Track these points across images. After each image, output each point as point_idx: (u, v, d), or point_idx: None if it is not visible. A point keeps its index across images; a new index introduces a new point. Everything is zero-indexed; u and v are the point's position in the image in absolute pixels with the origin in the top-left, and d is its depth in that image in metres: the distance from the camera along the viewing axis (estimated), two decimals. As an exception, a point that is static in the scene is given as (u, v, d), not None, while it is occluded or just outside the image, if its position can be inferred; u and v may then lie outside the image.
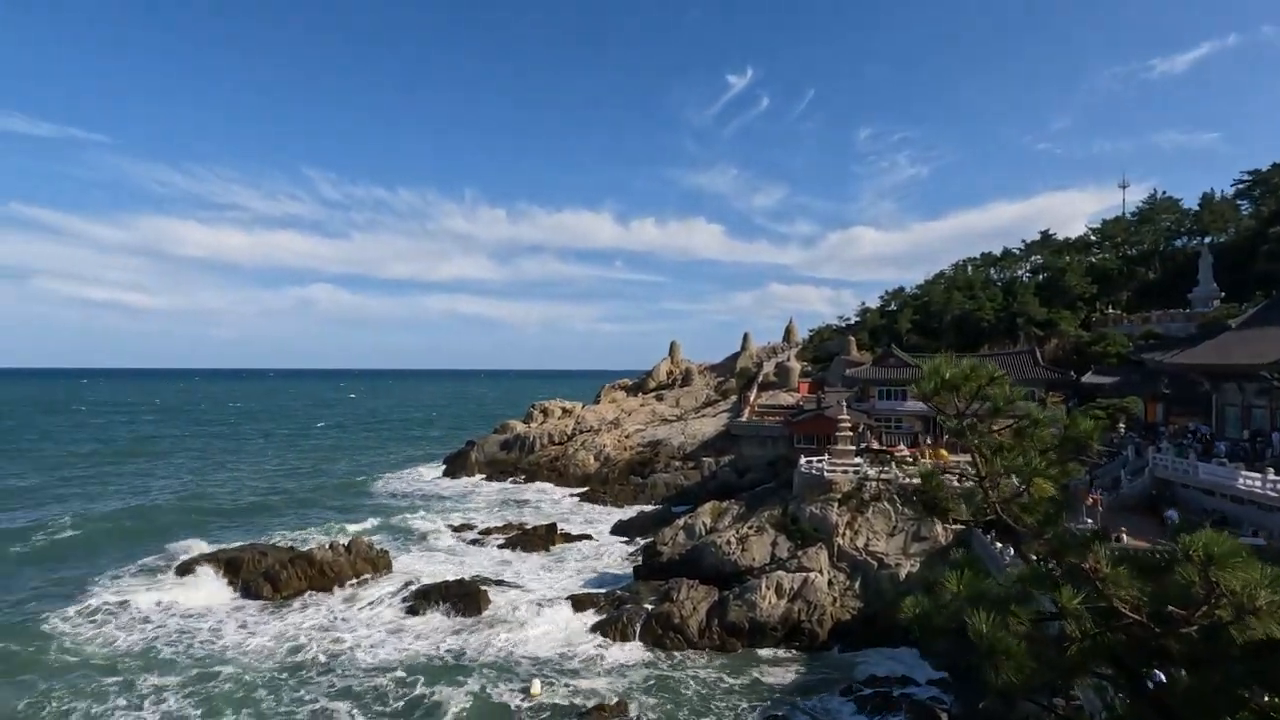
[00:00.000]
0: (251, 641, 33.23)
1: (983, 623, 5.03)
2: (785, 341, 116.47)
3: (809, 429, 57.21)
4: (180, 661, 30.93)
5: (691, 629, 33.36)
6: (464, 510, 63.50)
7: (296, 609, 37.62)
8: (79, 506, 63.80)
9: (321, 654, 31.89)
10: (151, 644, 32.78)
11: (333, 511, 64.03)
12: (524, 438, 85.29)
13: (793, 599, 34.26)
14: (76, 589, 40.12)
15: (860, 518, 38.03)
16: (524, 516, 60.26)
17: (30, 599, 38.15)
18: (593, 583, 42.06)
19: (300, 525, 58.08)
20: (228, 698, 27.86)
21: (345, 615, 36.70)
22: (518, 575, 43.31)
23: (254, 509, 64.57)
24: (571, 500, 68.17)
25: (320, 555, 42.04)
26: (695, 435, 79.15)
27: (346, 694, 28.18)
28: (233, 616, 36.48)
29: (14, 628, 34.10)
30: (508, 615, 36.05)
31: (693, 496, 62.29)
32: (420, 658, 31.55)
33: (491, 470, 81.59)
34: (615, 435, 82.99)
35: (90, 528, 54.47)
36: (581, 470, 77.09)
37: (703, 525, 44.21)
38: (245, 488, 76.14)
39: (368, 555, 43.58)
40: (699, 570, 38.42)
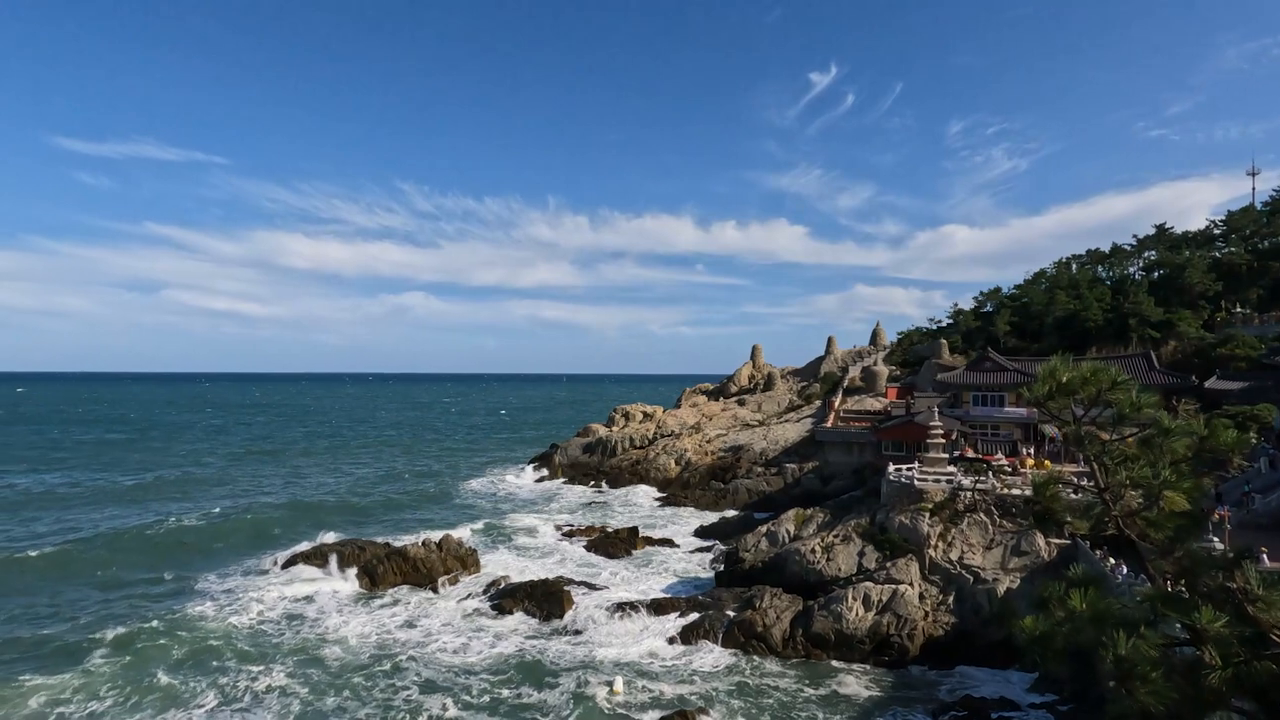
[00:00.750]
0: (350, 630, 35.00)
1: (1121, 644, 4.64)
2: (872, 345, 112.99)
3: (898, 435, 55.20)
4: (288, 645, 32.91)
5: (774, 637, 32.75)
6: (548, 512, 64.76)
7: (391, 601, 39.37)
8: (199, 504, 69.08)
9: (412, 645, 33.23)
10: (263, 629, 35.06)
11: (424, 511, 66.70)
12: (606, 441, 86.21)
13: (881, 611, 33.08)
14: (195, 579, 43.33)
15: (954, 529, 36.33)
16: (606, 519, 60.86)
17: (155, 588, 41.47)
18: (674, 587, 41.99)
19: (394, 523, 60.78)
20: (330, 680, 29.43)
21: (435, 610, 38.09)
22: (600, 577, 43.74)
23: (352, 507, 68.04)
24: (653, 504, 68.34)
25: (414, 552, 43.87)
26: (777, 441, 77.84)
27: (435, 686, 29.21)
28: (334, 606, 38.51)
29: (147, 613, 37.16)
30: (590, 616, 36.45)
31: (775, 503, 61.25)
32: (504, 654, 32.34)
33: (574, 473, 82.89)
34: (696, 440, 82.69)
35: (208, 523, 58.87)
36: (663, 474, 77.21)
37: (786, 532, 43.37)
38: (344, 487, 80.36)
39: (457, 553, 45.09)
40: (782, 578, 37.70)
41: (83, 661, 30.65)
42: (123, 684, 28.81)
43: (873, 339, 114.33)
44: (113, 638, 33.33)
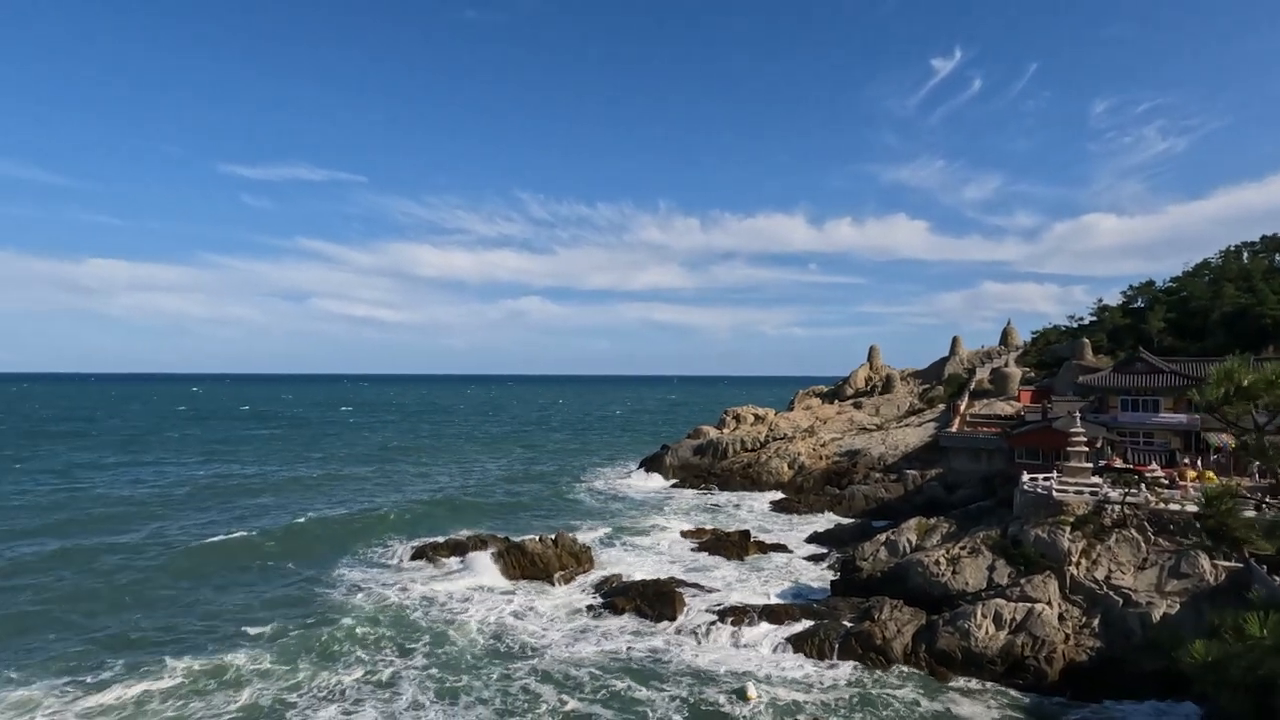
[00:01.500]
0: (473, 618, 36.73)
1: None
2: (1002, 345, 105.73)
3: (1033, 442, 51.27)
4: (417, 631, 35.05)
5: (895, 651, 31.25)
6: (658, 513, 65.16)
7: (511, 594, 40.97)
8: (339, 498, 74.94)
9: (529, 636, 34.41)
10: (392, 616, 37.51)
11: (540, 508, 68.99)
12: (717, 443, 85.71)
13: (1015, 631, 30.77)
14: (334, 569, 46.93)
15: (1100, 546, 33.23)
16: (717, 522, 60.46)
17: (298, 577, 45.20)
18: (787, 594, 41.05)
19: (513, 519, 63.25)
20: (455, 666, 31.03)
21: (551, 603, 39.26)
22: (711, 580, 43.48)
23: (474, 503, 71.47)
24: (764, 508, 67.20)
25: (532, 547, 45.48)
26: (897, 446, 74.43)
27: (549, 677, 30.07)
28: (457, 596, 40.57)
29: (292, 600, 40.75)
30: (701, 619, 36.31)
31: (894, 511, 58.56)
32: (615, 651, 32.81)
33: (685, 474, 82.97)
34: (810, 443, 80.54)
35: (346, 516, 63.75)
36: (775, 478, 75.78)
37: (907, 542, 41.32)
38: (467, 484, 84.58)
39: (572, 550, 46.29)
40: (903, 590, 35.92)
41: (234, 646, 33.87)
42: (270, 664, 31.64)
43: (1003, 339, 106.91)
44: (260, 622, 36.76)
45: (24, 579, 42.73)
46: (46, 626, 35.21)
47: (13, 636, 34.08)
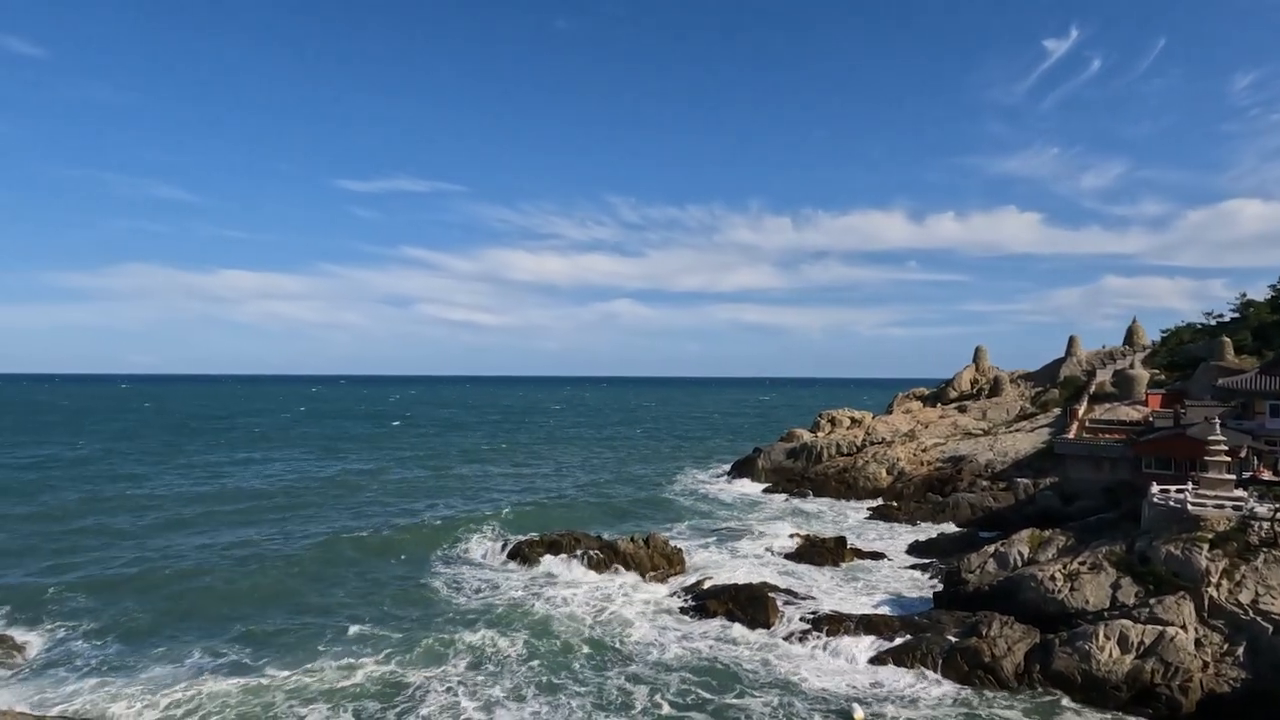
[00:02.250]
0: (566, 616, 37.46)
1: None
2: (1126, 345, 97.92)
3: (1164, 451, 47.13)
4: (514, 628, 36.11)
5: (1005, 670, 29.44)
6: (750, 516, 64.33)
7: (603, 593, 41.49)
8: (442, 497, 78.59)
9: (621, 636, 34.73)
10: (488, 613, 38.84)
11: (632, 508, 69.59)
12: (811, 447, 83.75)
13: (1143, 655, 28.32)
14: (433, 566, 49.00)
15: (1245, 566, 30.11)
16: (811, 527, 59.03)
17: (398, 576, 47.15)
18: (886, 604, 39.52)
19: (605, 518, 64.15)
20: (550, 663, 31.74)
21: (643, 604, 39.48)
22: (805, 587, 42.48)
23: (568, 502, 73.04)
24: (861, 514, 65.04)
25: (624, 547, 45.99)
26: (1006, 452, 70.34)
27: (640, 678, 30.21)
28: (552, 593, 41.49)
29: (398, 595, 42.88)
30: (795, 626, 35.52)
31: (1003, 521, 55.24)
32: (705, 654, 32.58)
33: (778, 478, 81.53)
34: (910, 448, 77.34)
35: (450, 515, 66.70)
36: (872, 484, 73.22)
37: (1019, 555, 38.87)
38: (562, 483, 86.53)
39: (664, 551, 46.44)
40: (1013, 605, 33.78)
41: (343, 639, 35.92)
42: (376, 656, 33.45)
43: (1128, 338, 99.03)
44: (366, 617, 38.99)
45: (167, 568, 47.01)
46: (183, 614, 38.48)
47: (151, 620, 37.58)
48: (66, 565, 46.32)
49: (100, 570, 45.11)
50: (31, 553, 49.69)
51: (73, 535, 54.71)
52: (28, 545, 51.70)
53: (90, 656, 32.06)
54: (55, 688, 28.87)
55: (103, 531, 55.92)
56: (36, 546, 51.28)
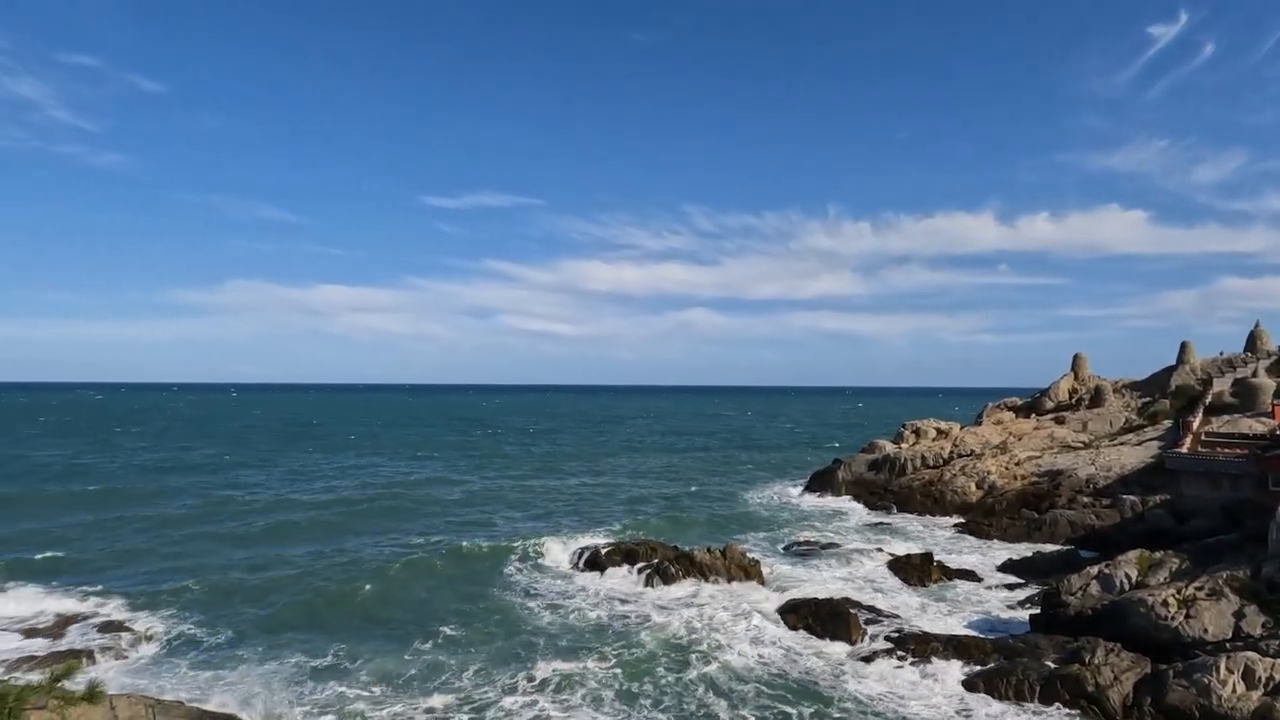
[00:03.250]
0: (641, 626, 37.46)
1: None
2: (1248, 352, 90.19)
3: (1293, 467, 42.89)
4: (588, 637, 36.42)
5: (1112, 701, 27.38)
6: (830, 529, 62.66)
7: (679, 603, 41.29)
8: (523, 503, 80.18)
9: (697, 649, 34.37)
10: (563, 620, 39.28)
11: (706, 518, 69.03)
12: (894, 459, 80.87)
13: (1272, 692, 25.75)
14: (510, 573, 49.95)
15: (1395, 597, 26.95)
16: (894, 542, 56.91)
17: (478, 581, 48.00)
18: (977, 625, 37.58)
19: (680, 528, 63.84)
20: (626, 668, 31.78)
21: (719, 616, 39.00)
22: (888, 604, 40.94)
23: (642, 509, 73.15)
24: (948, 530, 62.19)
25: (700, 557, 45.62)
26: (1110, 467, 65.86)
27: (719, 692, 29.78)
28: (627, 603, 41.61)
29: (476, 603, 43.53)
30: (879, 645, 34.25)
31: (1107, 540, 51.60)
32: (786, 671, 31.82)
33: (859, 491, 79.09)
34: (1002, 461, 73.52)
35: (522, 522, 67.93)
36: (961, 498, 69.92)
37: (1125, 577, 36.20)
38: (635, 491, 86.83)
39: (741, 562, 45.78)
40: (1120, 631, 31.45)
41: (421, 649, 36.96)
42: (455, 667, 34.31)
43: (1250, 344, 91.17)
44: (445, 625, 40.01)
45: (270, 570, 49.93)
46: (285, 616, 40.42)
47: (257, 619, 39.90)
48: (180, 564, 49.92)
49: (210, 570, 48.26)
50: (149, 550, 53.83)
51: (187, 535, 58.93)
52: (146, 544, 56.03)
53: (201, 650, 34.38)
54: (170, 674, 31.15)
55: (212, 533, 59.90)
56: (153, 546, 55.48)
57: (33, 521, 62.38)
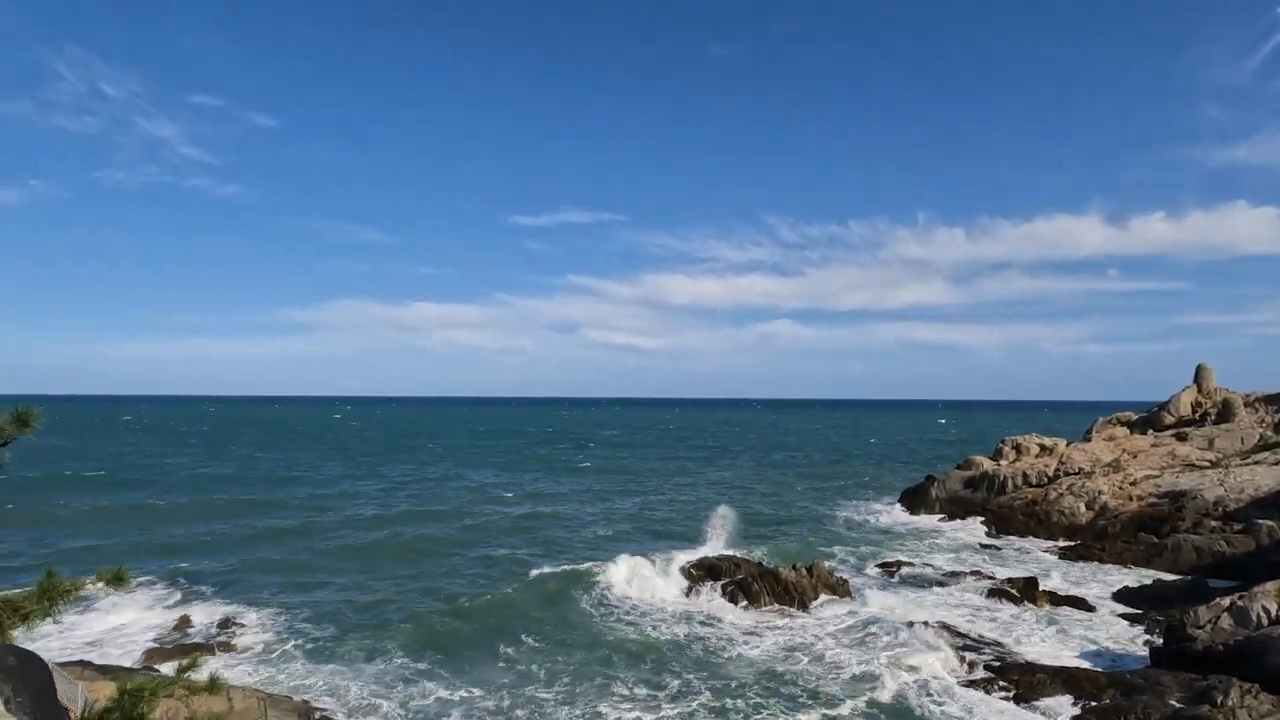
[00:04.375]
0: (728, 643, 36.93)
1: None
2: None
3: None
4: (675, 651, 36.16)
5: (1250, 751, 24.82)
6: (922, 550, 59.99)
7: (764, 621, 40.49)
8: (597, 516, 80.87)
9: (784, 669, 33.55)
10: (650, 632, 39.19)
11: (791, 534, 67.50)
12: (992, 476, 76.70)
13: None
14: (598, 587, 50.07)
15: None
16: (993, 565, 53.87)
17: (560, 596, 48.28)
18: (1090, 657, 34.97)
19: (764, 543, 62.64)
20: (712, 686, 31.38)
21: (807, 635, 37.98)
22: (987, 631, 38.71)
23: (719, 524, 72.05)
24: (1054, 553, 58.29)
25: (785, 575, 44.60)
26: (1242, 488, 60.19)
27: (810, 715, 28.96)
28: (712, 618, 41.13)
29: (557, 617, 44.14)
30: (978, 675, 32.42)
31: (1240, 569, 47.08)
32: (879, 697, 30.58)
33: (954, 509, 75.41)
34: (1115, 480, 68.44)
35: (605, 535, 68.30)
36: (1068, 519, 65.46)
37: (1263, 610, 32.83)
38: (717, 505, 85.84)
39: (828, 581, 44.49)
40: (1257, 671, 28.51)
41: (518, 662, 37.83)
42: (537, 685, 34.76)
43: None
44: (525, 643, 40.57)
45: (372, 576, 52.41)
46: (390, 622, 42.54)
47: (363, 625, 41.89)
48: (290, 569, 53.00)
49: (318, 575, 50.97)
50: (263, 555, 57.56)
51: (298, 542, 62.50)
52: (261, 548, 59.97)
53: (308, 650, 36.31)
54: (279, 671, 33.14)
55: (322, 541, 63.10)
56: (267, 551, 59.29)
57: (162, 526, 68.00)
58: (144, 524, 68.22)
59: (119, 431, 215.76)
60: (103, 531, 64.27)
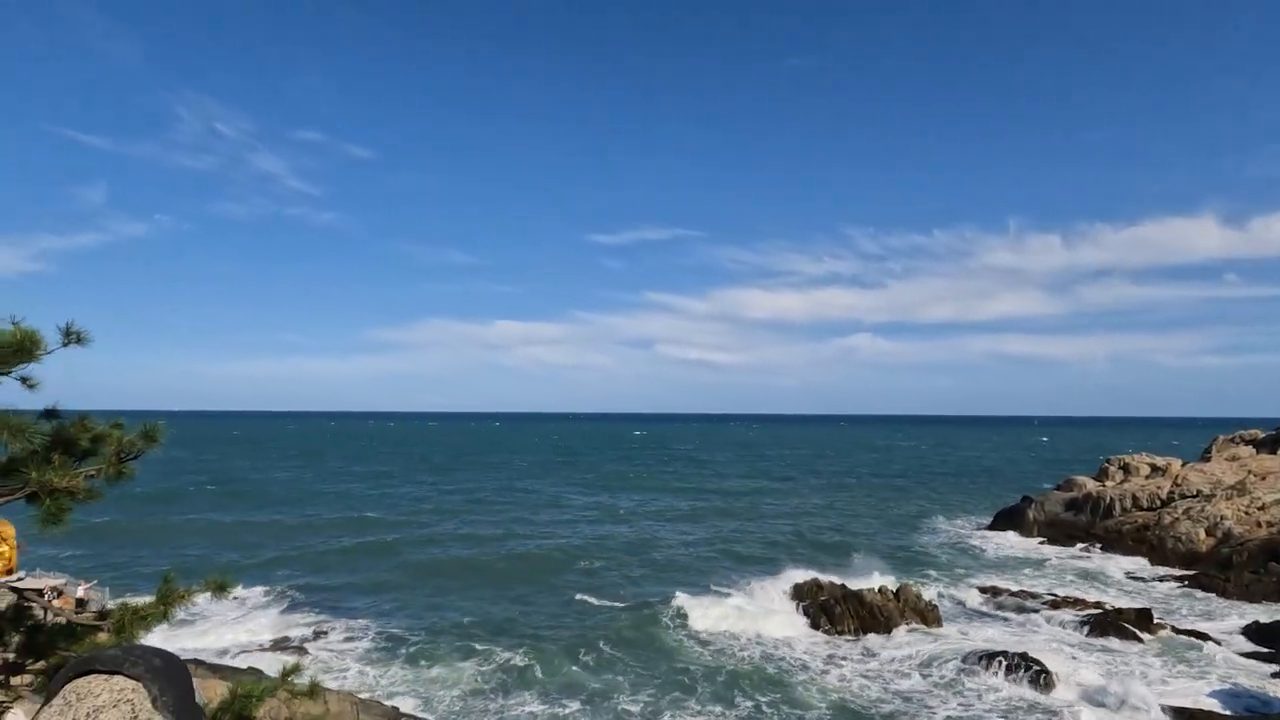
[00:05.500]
0: (806, 666, 35.85)
1: None
2: None
3: None
4: (749, 672, 35.41)
5: None
6: (1019, 575, 56.60)
7: (847, 646, 39.07)
8: (679, 535, 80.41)
9: (869, 697, 32.26)
10: (720, 650, 38.54)
11: (874, 555, 64.94)
12: (1097, 498, 71.73)
13: None
14: (667, 607, 49.61)
15: None
16: (1098, 593, 50.22)
17: (650, 606, 48.14)
18: (1215, 696, 31.96)
19: (846, 564, 60.59)
20: (789, 714, 30.53)
21: (895, 663, 36.42)
22: (1096, 665, 36.03)
23: (803, 544, 70.49)
24: (1170, 583, 53.82)
25: (870, 597, 43.01)
26: (1394, 515, 53.97)
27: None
28: (789, 641, 40.04)
29: (651, 633, 43.79)
30: (1091, 715, 30.16)
31: (1397, 607, 41.98)
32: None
33: (1053, 533, 70.90)
34: (1240, 504, 62.67)
35: (685, 554, 67.81)
36: (1185, 546, 60.36)
37: None
38: (797, 522, 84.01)
39: (916, 605, 42.60)
40: None
41: (590, 661, 37.82)
42: (625, 685, 34.73)
43: None
44: (605, 654, 40.60)
45: (463, 588, 53.91)
46: (472, 634, 43.58)
47: (449, 630, 43.09)
48: (385, 578, 55.04)
49: (412, 586, 52.68)
50: (357, 564, 60.20)
51: (391, 554, 64.80)
52: (355, 558, 62.76)
53: (400, 657, 37.65)
54: (371, 677, 34.51)
55: (416, 554, 65.10)
56: (361, 560, 61.96)
57: (266, 538, 72.28)
58: (249, 535, 72.66)
59: (229, 445, 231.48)
60: (214, 542, 68.92)
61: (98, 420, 8.12)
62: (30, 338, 6.97)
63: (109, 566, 53.69)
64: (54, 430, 7.52)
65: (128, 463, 7.98)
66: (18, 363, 7.02)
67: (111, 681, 3.37)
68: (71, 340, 7.43)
